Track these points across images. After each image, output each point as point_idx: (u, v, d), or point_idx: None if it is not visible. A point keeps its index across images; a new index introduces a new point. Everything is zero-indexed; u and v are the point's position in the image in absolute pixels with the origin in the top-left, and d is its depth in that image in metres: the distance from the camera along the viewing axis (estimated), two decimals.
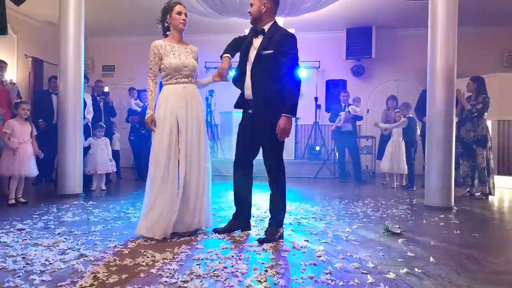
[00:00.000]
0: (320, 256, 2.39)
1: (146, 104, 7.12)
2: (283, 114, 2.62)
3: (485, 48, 9.13)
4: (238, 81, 2.87)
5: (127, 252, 2.41)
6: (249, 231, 2.98)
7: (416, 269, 2.16)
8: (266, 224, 2.98)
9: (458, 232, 3.14)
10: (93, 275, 1.98)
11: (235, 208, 3.01)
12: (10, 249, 2.43)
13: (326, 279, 1.99)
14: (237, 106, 2.95)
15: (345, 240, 2.82)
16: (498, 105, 6.79)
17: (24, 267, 2.10)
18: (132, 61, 10.35)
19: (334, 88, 8.24)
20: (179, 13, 2.95)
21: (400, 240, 2.82)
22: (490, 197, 5.19)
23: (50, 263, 2.16)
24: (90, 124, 5.78)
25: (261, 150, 2.84)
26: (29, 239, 2.69)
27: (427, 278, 2.05)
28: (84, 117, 5.39)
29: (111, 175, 6.37)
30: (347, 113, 7.06)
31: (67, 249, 2.44)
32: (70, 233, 2.89)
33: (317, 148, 8.59)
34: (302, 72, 9.41)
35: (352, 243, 2.74)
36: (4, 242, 2.61)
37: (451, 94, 4.25)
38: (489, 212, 4.19)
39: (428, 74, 4.38)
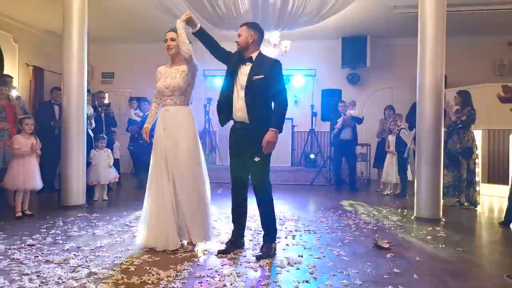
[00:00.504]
0: (312, 273, 2.58)
1: (146, 114, 7.31)
2: (270, 128, 2.84)
3: (478, 57, 9.36)
4: (225, 104, 3.04)
5: (133, 269, 2.60)
6: (243, 247, 3.16)
7: (400, 286, 2.36)
8: (261, 238, 3.16)
9: (444, 246, 3.34)
10: None
11: (232, 226, 3.20)
12: (24, 267, 2.61)
13: None
14: (223, 123, 3.14)
15: (337, 255, 3.02)
16: (489, 114, 6.99)
17: (39, 286, 2.28)
18: (131, 68, 10.51)
19: (330, 97, 8.43)
20: (166, 40, 3.15)
21: (388, 255, 3.02)
22: (478, 207, 5.39)
23: (63, 282, 2.34)
24: (92, 135, 5.95)
25: None
26: (40, 255, 2.87)
27: None
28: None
29: (112, 183, 6.54)
30: (343, 114, 7.26)
31: (77, 267, 2.63)
32: (78, 249, 3.08)
33: (312, 156, 8.78)
34: (298, 80, 9.67)
35: (342, 259, 2.94)
36: (17, 259, 2.79)
37: (439, 110, 4.45)
38: (475, 225, 4.40)
39: (417, 90, 4.58)
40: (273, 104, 2.95)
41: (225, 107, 3.04)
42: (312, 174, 8.38)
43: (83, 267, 2.62)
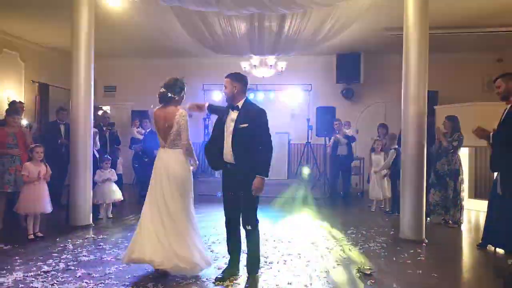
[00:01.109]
0: None
1: (147, 131, 7.62)
2: (257, 175, 3.19)
3: (467, 73, 9.69)
4: (213, 146, 3.39)
5: None
6: (238, 273, 3.50)
7: None
8: None
9: (420, 272, 3.67)
10: None
11: (229, 256, 3.53)
12: None
13: None
14: (215, 168, 3.50)
15: (322, 284, 3.35)
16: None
17: None
18: (132, 82, 10.87)
19: (324, 114, 8.77)
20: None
21: (369, 282, 3.35)
22: (463, 225, 5.73)
23: None
24: (97, 156, 6.27)
25: None
26: (56, 283, 3.21)
27: None
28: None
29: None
30: (334, 136, 7.60)
31: None
32: (89, 276, 3.41)
33: (304, 172, 9.10)
34: (295, 94, 10.00)
35: (327, 287, 3.27)
36: (35, 287, 3.11)
37: (421, 139, 4.79)
38: (455, 246, 4.73)
39: (402, 121, 4.92)
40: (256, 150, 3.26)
41: (212, 151, 3.39)
42: (307, 188, 8.69)
43: None
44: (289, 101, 10.11)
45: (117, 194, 6.11)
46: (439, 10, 6.16)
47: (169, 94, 3.52)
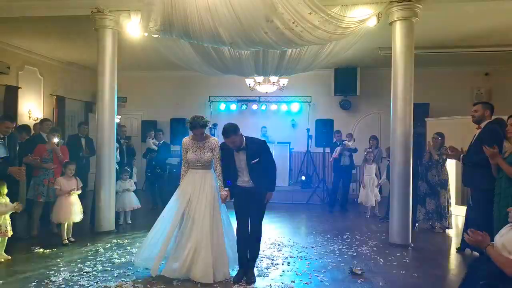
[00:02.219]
0: None
1: (161, 142, 8.23)
2: (269, 191, 3.97)
3: (457, 86, 10.35)
4: (229, 176, 4.08)
5: None
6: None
7: None
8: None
9: (403, 272, 4.33)
10: None
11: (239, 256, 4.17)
12: None
13: None
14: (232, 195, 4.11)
15: (321, 280, 4.01)
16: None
17: None
18: (142, 93, 11.52)
19: (323, 126, 9.43)
20: (193, 133, 4.17)
21: (359, 281, 4.01)
22: (448, 231, 6.38)
23: None
24: (117, 167, 6.91)
25: None
26: (100, 281, 3.86)
27: None
28: None
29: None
30: (342, 146, 8.24)
31: None
32: (125, 275, 4.07)
33: (303, 178, 9.78)
34: (295, 106, 10.68)
35: (325, 283, 3.93)
36: (83, 285, 3.78)
37: (408, 157, 5.44)
38: (438, 250, 5.37)
39: (391, 140, 5.59)
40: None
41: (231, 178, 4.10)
42: (307, 194, 9.35)
43: None
44: (290, 113, 10.80)
45: (135, 202, 6.77)
46: (426, 34, 6.84)
47: None
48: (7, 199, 4.57)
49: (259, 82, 8.42)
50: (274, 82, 8.31)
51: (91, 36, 6.48)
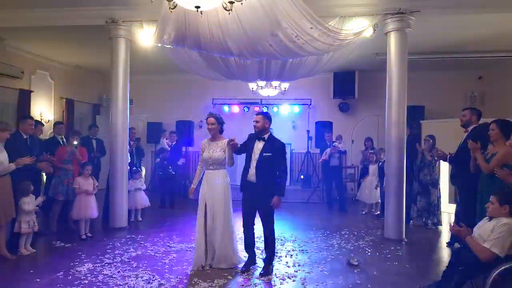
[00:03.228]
0: (303, 284, 3.99)
1: (173, 143, 8.56)
2: (276, 196, 4.23)
3: (452, 90, 10.74)
4: (245, 169, 4.43)
5: (186, 281, 3.99)
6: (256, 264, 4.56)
7: None
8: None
9: (396, 263, 4.74)
10: None
11: (247, 253, 4.58)
12: (115, 280, 4.00)
13: None
14: (242, 188, 4.48)
15: (321, 271, 4.42)
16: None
17: None
18: (147, 96, 11.90)
19: (323, 128, 9.84)
20: (207, 124, 4.54)
21: (355, 271, 4.42)
22: (440, 227, 6.79)
23: None
24: (128, 168, 7.31)
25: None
26: (121, 271, 4.27)
27: None
28: None
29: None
30: (332, 147, 8.63)
31: (149, 279, 4.02)
32: (144, 266, 4.48)
33: (302, 177, 10.19)
34: (296, 108, 11.10)
35: (324, 273, 4.35)
36: (107, 274, 4.19)
37: (401, 159, 5.86)
38: (429, 245, 5.78)
39: (386, 143, 6.00)
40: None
41: (244, 172, 4.44)
42: (308, 193, 9.76)
43: (153, 280, 4.02)
44: (291, 115, 11.23)
45: (145, 201, 7.18)
46: (419, 41, 7.24)
47: None
48: (33, 197, 4.98)
49: (261, 86, 8.82)
50: (276, 86, 8.72)
51: (100, 42, 6.88)
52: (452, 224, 3.44)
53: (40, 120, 9.43)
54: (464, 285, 3.27)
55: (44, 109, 9.67)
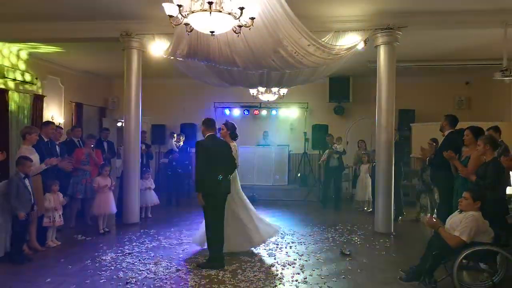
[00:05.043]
0: (301, 269, 4.60)
1: (180, 144, 9.11)
2: None
3: (440, 94, 11.36)
4: None
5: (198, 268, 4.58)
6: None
7: (348, 276, 4.37)
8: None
9: (384, 253, 5.36)
10: (192, 280, 4.15)
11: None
12: (138, 266, 4.59)
13: (305, 280, 4.19)
14: None
15: (317, 259, 5.02)
16: None
17: (155, 275, 4.27)
18: (151, 99, 12.30)
19: (319, 130, 10.44)
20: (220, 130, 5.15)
21: (347, 259, 5.03)
22: None
23: (166, 273, 4.32)
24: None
25: None
26: (141, 260, 4.85)
27: (353, 281, 4.26)
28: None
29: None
30: (331, 149, 9.22)
31: (167, 266, 4.61)
32: (160, 255, 5.06)
33: (299, 175, 10.81)
34: (294, 111, 11.70)
35: (320, 261, 4.95)
36: (129, 262, 4.77)
37: (390, 158, 6.47)
38: (416, 237, 6.38)
39: (376, 146, 6.62)
40: None
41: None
42: (305, 192, 10.35)
43: (171, 266, 4.61)
44: (288, 117, 11.83)
45: (155, 199, 7.76)
46: (408, 50, 7.86)
47: None
48: (61, 195, 5.56)
49: (261, 92, 9.41)
50: (275, 92, 9.32)
51: (109, 49, 7.44)
52: (427, 218, 4.06)
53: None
54: (438, 268, 3.88)
55: (55, 113, 10.20)
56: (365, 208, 8.76)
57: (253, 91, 9.69)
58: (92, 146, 6.83)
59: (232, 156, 4.97)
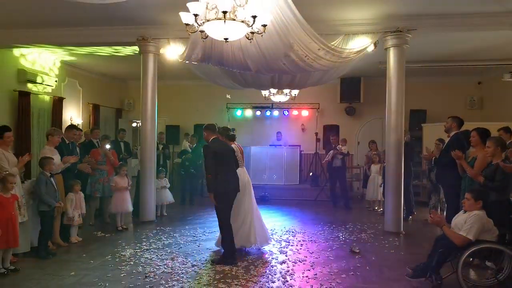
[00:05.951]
0: (312, 266, 4.77)
1: (194, 145, 9.37)
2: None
3: (452, 94, 11.38)
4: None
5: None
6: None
7: (357, 273, 4.53)
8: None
9: (392, 251, 5.49)
10: (207, 275, 4.37)
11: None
12: (156, 261, 4.82)
13: (315, 276, 4.37)
14: None
15: (327, 257, 5.19)
16: None
17: (172, 269, 4.49)
18: (166, 100, 12.50)
19: (330, 131, 10.57)
20: None
21: (357, 257, 5.18)
22: None
23: (182, 268, 4.55)
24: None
25: None
26: (159, 255, 5.08)
27: (361, 277, 4.42)
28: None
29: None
30: (336, 150, 9.34)
31: (183, 261, 4.83)
32: (178, 252, 5.29)
33: (311, 174, 10.96)
34: (305, 112, 11.86)
35: (330, 258, 5.11)
36: (147, 257, 5.01)
37: (399, 158, 6.58)
38: (424, 237, 6.49)
39: (386, 146, 6.74)
40: None
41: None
42: (316, 191, 10.50)
43: (187, 262, 4.83)
44: (300, 118, 11.99)
45: (169, 198, 8.01)
46: (419, 51, 7.95)
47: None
48: (82, 195, 5.84)
49: (273, 93, 9.60)
50: (286, 93, 9.50)
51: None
52: (431, 215, 4.20)
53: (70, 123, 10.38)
54: (444, 265, 4.02)
55: (73, 114, 10.56)
56: (376, 208, 8.87)
57: (265, 93, 9.88)
58: (109, 146, 7.09)
59: (235, 156, 5.25)
